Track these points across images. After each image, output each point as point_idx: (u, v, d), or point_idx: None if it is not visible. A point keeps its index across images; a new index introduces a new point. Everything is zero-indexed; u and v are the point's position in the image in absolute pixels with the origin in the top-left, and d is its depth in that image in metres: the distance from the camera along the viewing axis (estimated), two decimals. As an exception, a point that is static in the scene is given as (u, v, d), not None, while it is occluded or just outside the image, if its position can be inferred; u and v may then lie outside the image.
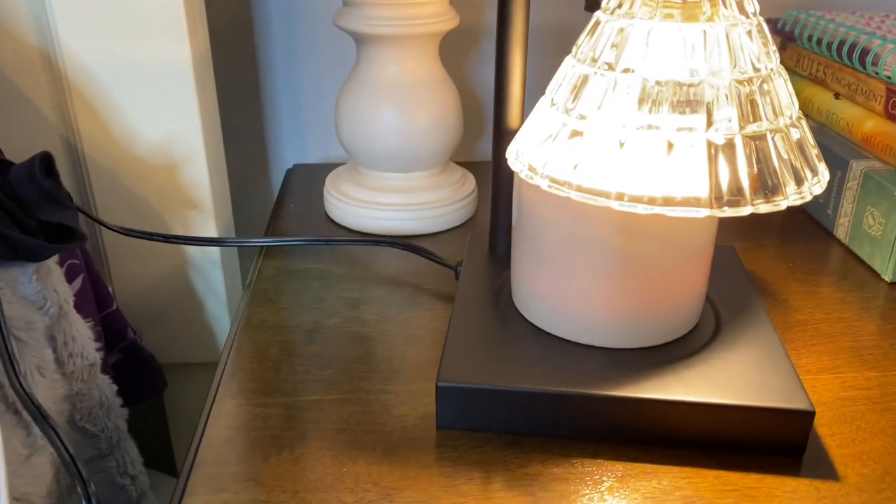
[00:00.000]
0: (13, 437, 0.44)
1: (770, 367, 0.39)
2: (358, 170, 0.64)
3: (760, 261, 0.57)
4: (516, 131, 0.47)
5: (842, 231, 0.59)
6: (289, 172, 0.75)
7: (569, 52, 0.39)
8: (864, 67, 0.57)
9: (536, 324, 0.43)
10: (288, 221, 0.65)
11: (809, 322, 0.49)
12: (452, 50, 0.75)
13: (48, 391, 0.48)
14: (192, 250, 0.69)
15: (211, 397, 0.42)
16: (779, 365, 0.40)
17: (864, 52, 0.57)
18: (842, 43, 0.59)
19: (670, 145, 0.34)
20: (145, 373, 0.68)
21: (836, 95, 0.62)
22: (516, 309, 0.45)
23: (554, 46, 0.75)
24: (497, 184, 0.50)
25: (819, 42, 0.62)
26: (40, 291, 0.48)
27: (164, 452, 0.76)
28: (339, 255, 0.58)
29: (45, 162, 0.46)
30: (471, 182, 0.66)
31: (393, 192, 0.62)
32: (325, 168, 0.71)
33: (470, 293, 0.47)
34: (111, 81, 0.62)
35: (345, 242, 0.59)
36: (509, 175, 0.49)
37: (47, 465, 0.47)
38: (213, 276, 0.71)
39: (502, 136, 0.48)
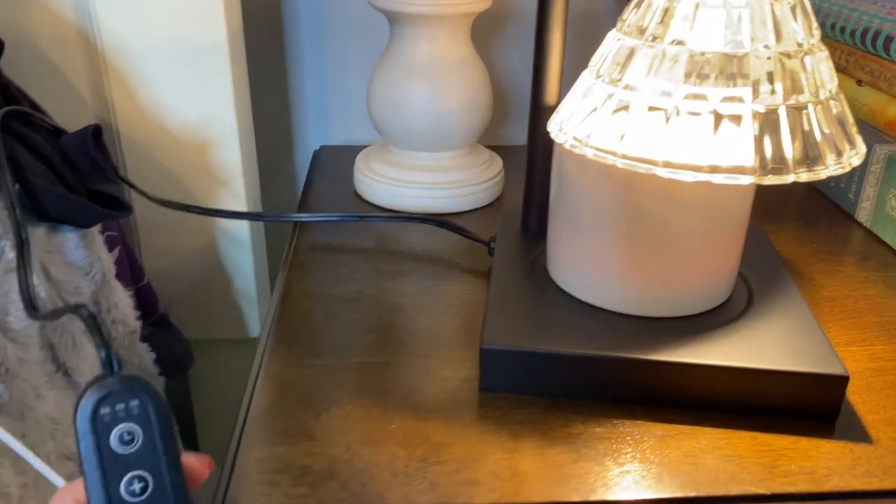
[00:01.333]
0: (64, 398, 0.45)
1: (803, 336, 0.41)
2: (388, 149, 0.65)
3: (783, 243, 0.58)
4: (554, 107, 0.48)
5: (864, 214, 0.60)
6: (316, 153, 0.77)
7: (596, 37, 0.40)
8: (888, 54, 0.58)
9: (573, 294, 0.45)
10: (319, 199, 0.66)
11: (836, 298, 0.50)
12: (479, 34, 0.76)
13: (92, 357, 0.49)
14: (222, 228, 0.70)
15: (259, 358, 0.44)
16: (812, 334, 0.41)
17: (888, 39, 0.58)
18: (865, 31, 0.60)
19: (717, 115, 0.35)
20: (174, 348, 0.69)
21: (859, 82, 0.63)
22: (552, 280, 0.46)
23: (582, 32, 0.76)
24: (532, 160, 0.51)
25: (842, 30, 0.63)
26: (87, 258, 0.49)
27: (186, 428, 0.77)
28: (371, 232, 0.59)
29: (96, 134, 0.48)
30: (498, 163, 0.67)
31: (422, 170, 0.63)
32: (351, 150, 0.72)
33: (505, 265, 0.48)
34: (147, 59, 0.63)
35: (380, 219, 0.60)
36: (545, 151, 0.50)
37: (94, 425, 0.48)
38: (241, 254, 0.72)
39: (540, 112, 0.49)
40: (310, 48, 0.78)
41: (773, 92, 0.35)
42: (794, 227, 0.61)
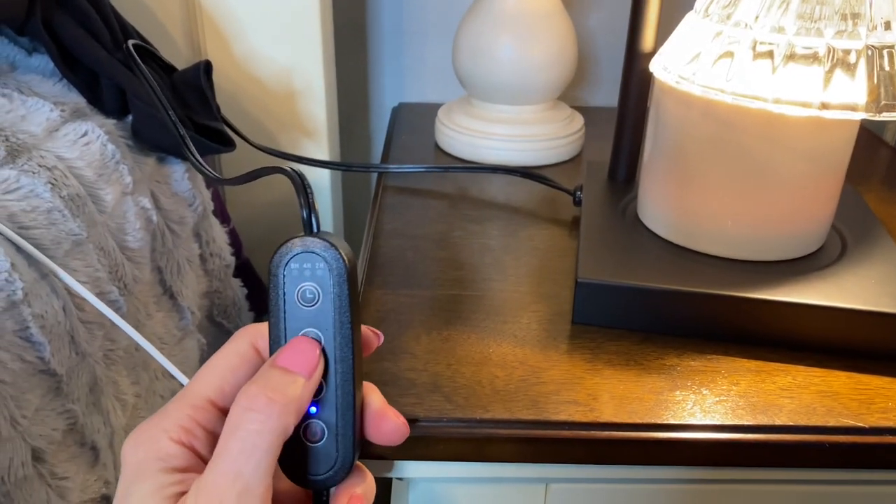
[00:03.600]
0: (169, 319, 0.48)
1: (901, 282, 0.41)
2: (470, 102, 0.66)
3: (871, 203, 0.58)
4: (650, 54, 0.48)
5: (954, 179, 0.59)
6: (395, 109, 0.78)
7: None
8: None
9: (667, 237, 0.45)
10: (401, 151, 0.67)
11: (927, 256, 0.50)
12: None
13: (193, 284, 0.52)
14: (303, 177, 0.72)
15: (358, 286, 0.45)
16: (909, 281, 0.41)
17: None
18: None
19: (830, 51, 0.35)
20: (254, 293, 0.71)
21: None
22: (644, 225, 0.47)
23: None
24: (624, 108, 0.52)
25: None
26: (191, 189, 0.52)
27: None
28: (452, 182, 0.60)
29: (207, 69, 0.50)
30: (579, 120, 0.67)
31: (504, 123, 0.64)
32: (429, 107, 0.73)
33: (595, 211, 0.49)
34: (242, 9, 0.65)
35: (467, 170, 0.61)
36: (638, 99, 0.51)
37: (195, 348, 0.50)
38: (321, 205, 0.74)
39: (635, 59, 0.49)
40: (389, 8, 0.79)
41: (889, 29, 0.35)
42: (881, 190, 0.60)
